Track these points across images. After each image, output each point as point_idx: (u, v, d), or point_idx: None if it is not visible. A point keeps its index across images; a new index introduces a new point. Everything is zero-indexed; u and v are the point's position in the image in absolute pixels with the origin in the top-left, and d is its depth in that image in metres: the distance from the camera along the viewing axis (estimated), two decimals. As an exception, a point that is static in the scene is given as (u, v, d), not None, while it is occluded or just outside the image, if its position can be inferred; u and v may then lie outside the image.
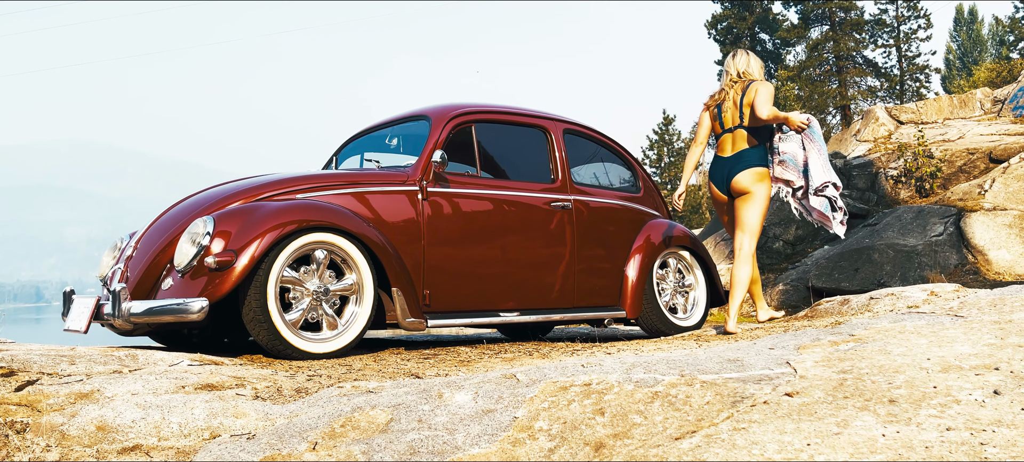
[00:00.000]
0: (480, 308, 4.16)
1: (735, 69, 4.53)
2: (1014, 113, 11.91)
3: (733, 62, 4.60)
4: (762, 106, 4.24)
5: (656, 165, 45.03)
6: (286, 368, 3.17)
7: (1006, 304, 2.71)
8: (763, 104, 4.24)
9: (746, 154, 4.37)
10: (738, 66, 4.52)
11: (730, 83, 4.50)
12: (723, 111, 4.49)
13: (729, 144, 4.46)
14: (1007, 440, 1.66)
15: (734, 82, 4.49)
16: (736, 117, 4.40)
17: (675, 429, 2.00)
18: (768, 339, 3.02)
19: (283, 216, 3.42)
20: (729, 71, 4.58)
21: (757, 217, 4.39)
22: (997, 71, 26.29)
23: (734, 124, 4.40)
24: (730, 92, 4.47)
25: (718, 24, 40.04)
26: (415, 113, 4.49)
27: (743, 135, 4.40)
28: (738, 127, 4.41)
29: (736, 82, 4.48)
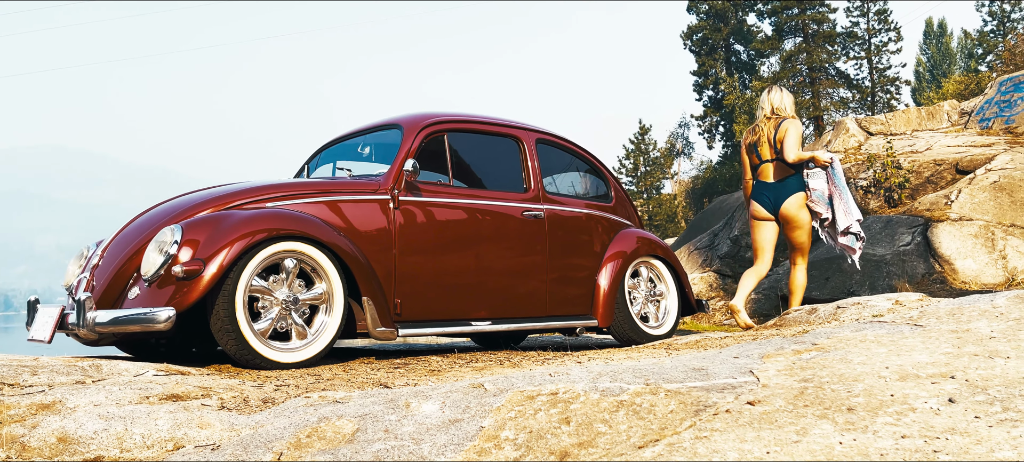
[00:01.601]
0: (452, 317, 4.16)
1: (770, 105, 5.01)
2: (980, 125, 12.15)
3: (768, 98, 5.07)
4: (789, 151, 4.78)
5: (632, 174, 45.30)
6: (254, 378, 3.15)
7: (964, 314, 2.76)
8: (791, 149, 4.78)
9: (788, 182, 4.90)
10: (773, 102, 5.02)
11: (765, 119, 5.00)
12: (759, 146, 5.01)
13: (770, 172, 4.98)
14: (960, 447, 1.70)
15: (768, 118, 4.99)
16: (771, 151, 4.93)
17: (639, 438, 2.02)
18: (734, 348, 3.05)
19: (252, 225, 3.40)
20: (763, 107, 5.05)
21: (805, 239, 5.01)
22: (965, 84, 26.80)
23: (771, 157, 4.94)
24: (764, 128, 4.98)
25: (694, 35, 40.48)
26: (387, 122, 4.49)
27: (780, 165, 4.92)
28: (775, 159, 4.93)
29: (770, 118, 4.97)
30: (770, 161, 4.95)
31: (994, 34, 39.28)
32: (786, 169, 4.90)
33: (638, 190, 44.87)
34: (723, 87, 38.93)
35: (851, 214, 4.83)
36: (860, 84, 37.28)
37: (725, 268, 10.27)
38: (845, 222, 4.83)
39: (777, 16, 37.33)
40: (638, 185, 45.04)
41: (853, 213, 4.83)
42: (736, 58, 40.85)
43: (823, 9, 36.39)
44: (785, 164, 4.89)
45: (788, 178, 4.90)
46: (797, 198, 4.89)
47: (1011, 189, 9.08)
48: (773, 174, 4.95)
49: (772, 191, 4.96)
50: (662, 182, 46.26)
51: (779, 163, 4.92)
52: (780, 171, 4.92)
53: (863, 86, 37.20)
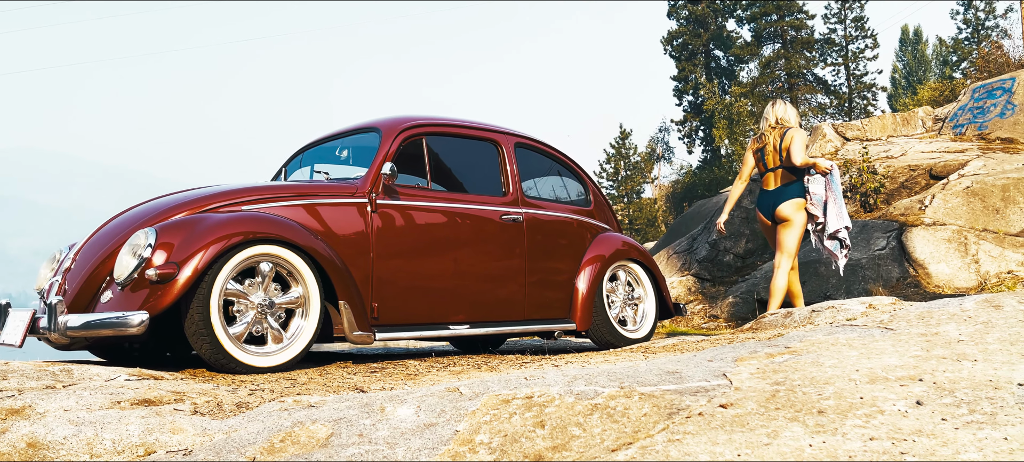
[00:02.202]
0: (429, 321, 4.16)
1: (774, 116, 5.34)
2: (954, 131, 12.32)
3: (772, 110, 5.40)
4: (796, 154, 5.06)
5: (613, 178, 45.46)
6: (228, 382, 3.13)
7: (933, 317, 2.80)
8: (797, 152, 5.06)
9: (787, 188, 5.18)
10: (776, 114, 5.34)
11: (769, 129, 5.29)
12: (765, 154, 5.28)
13: (772, 180, 5.26)
14: (926, 449, 1.72)
15: (772, 128, 5.28)
16: (776, 159, 5.21)
17: (612, 441, 2.03)
18: (709, 351, 3.08)
19: (228, 228, 3.38)
20: (768, 119, 5.37)
21: (794, 240, 5.20)
22: (940, 90, 27.18)
23: (775, 165, 5.21)
24: (770, 137, 5.26)
25: (674, 40, 40.72)
26: (365, 125, 4.48)
27: (783, 173, 5.21)
28: (778, 167, 5.21)
29: (775, 128, 5.27)
30: (773, 170, 5.23)
31: (968, 41, 39.88)
32: (789, 177, 5.18)
33: (619, 194, 45.04)
34: (703, 92, 39.19)
35: (841, 220, 5.09)
36: (837, 90, 37.70)
37: (703, 272, 10.34)
38: (834, 225, 5.08)
39: (756, 22, 37.67)
40: (619, 189, 45.21)
41: (843, 220, 5.09)
42: (716, 63, 41.15)
43: (801, 16, 36.77)
44: (788, 172, 5.18)
45: (789, 185, 5.17)
46: (795, 201, 5.16)
47: (983, 194, 9.22)
48: (775, 182, 5.23)
49: (772, 197, 5.22)
50: (643, 186, 46.47)
51: (782, 171, 5.20)
52: (782, 178, 5.20)
53: (840, 92, 37.62)
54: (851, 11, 38.09)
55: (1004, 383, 2.07)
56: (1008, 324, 2.59)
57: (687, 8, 40.26)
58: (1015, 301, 2.80)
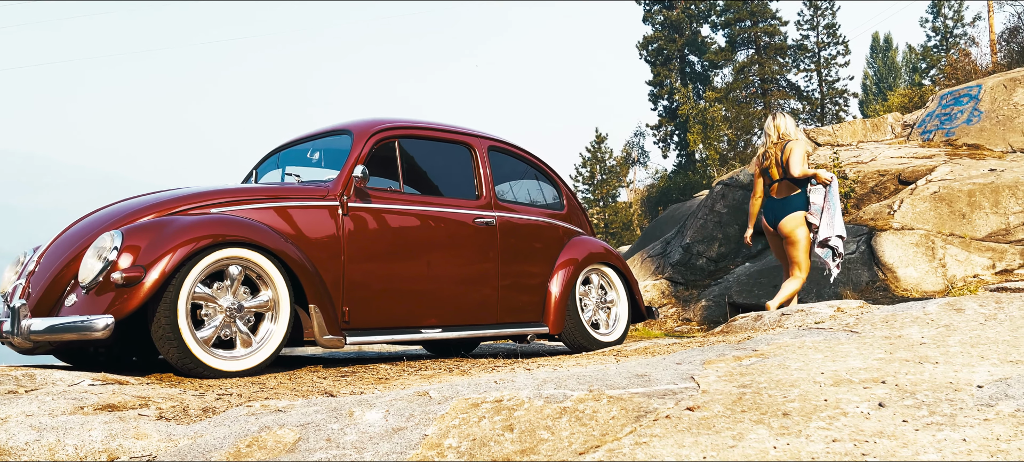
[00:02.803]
0: (401, 325, 4.14)
1: (776, 130, 5.51)
2: (922, 137, 12.53)
3: (773, 124, 5.57)
4: (795, 167, 5.26)
5: (589, 182, 45.63)
6: (195, 387, 3.09)
7: (897, 320, 2.84)
8: (796, 165, 5.26)
9: (791, 200, 5.36)
10: (778, 127, 5.51)
11: (772, 143, 5.49)
12: (770, 169, 5.49)
13: (776, 191, 5.47)
14: (887, 450, 1.75)
15: (775, 143, 5.48)
16: (779, 172, 5.40)
17: (580, 444, 2.03)
18: (679, 354, 3.10)
19: (196, 231, 3.34)
20: (770, 133, 5.55)
21: (802, 255, 5.41)
22: (909, 97, 27.60)
23: (779, 177, 5.41)
24: (773, 152, 5.47)
25: (649, 45, 40.97)
26: (337, 127, 4.46)
27: (786, 184, 5.40)
28: (782, 179, 5.40)
29: (777, 142, 5.46)
30: (778, 181, 5.42)
31: (937, 49, 40.57)
32: (792, 187, 5.35)
33: (595, 198, 45.21)
34: (678, 97, 39.47)
35: (832, 229, 5.27)
36: (810, 96, 38.15)
37: (677, 275, 10.41)
38: (825, 233, 5.27)
39: (730, 28, 38.02)
40: (595, 193, 45.38)
41: (834, 229, 5.27)
42: (690, 69, 41.46)
43: (775, 22, 37.17)
44: (791, 182, 5.36)
45: (792, 196, 5.34)
46: (796, 216, 5.33)
47: (950, 199, 9.38)
48: (780, 192, 5.42)
49: (776, 207, 5.41)
50: (618, 190, 46.69)
51: (786, 182, 5.38)
52: (786, 189, 5.38)
53: (813, 98, 38.08)
54: (823, 18, 38.59)
55: (964, 385, 2.11)
56: (969, 327, 2.63)
57: (662, 13, 40.54)
58: (976, 304, 2.85)
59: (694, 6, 39.77)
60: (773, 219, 5.45)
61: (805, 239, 5.38)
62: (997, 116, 11.75)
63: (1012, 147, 11.23)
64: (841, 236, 5.28)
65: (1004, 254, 8.98)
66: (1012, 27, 26.83)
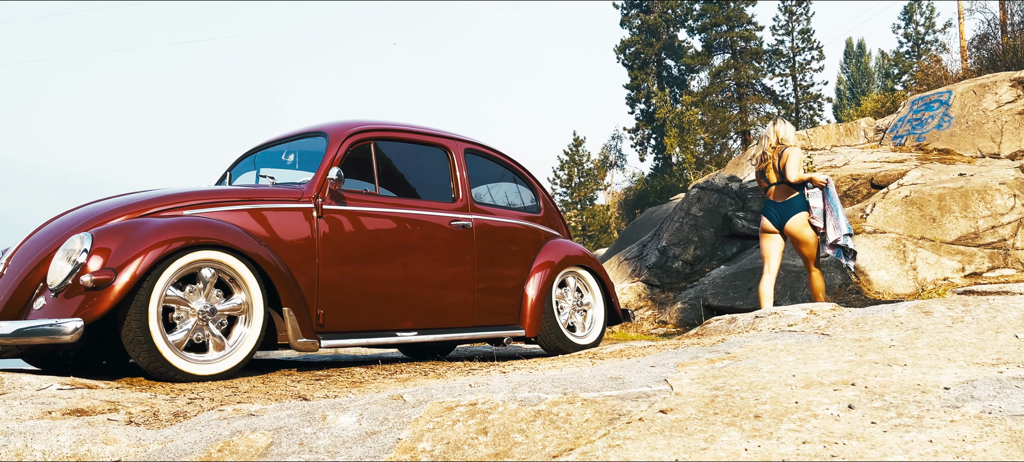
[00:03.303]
0: (377, 328, 4.12)
1: (775, 136, 5.74)
2: (894, 142, 12.71)
3: (773, 130, 5.81)
4: (791, 172, 5.52)
5: (567, 185, 45.75)
6: (166, 391, 3.06)
7: (867, 323, 2.88)
8: (792, 170, 5.52)
9: (793, 202, 5.60)
10: (777, 133, 5.74)
11: (771, 148, 5.73)
12: (767, 172, 5.73)
13: (775, 194, 5.70)
14: (855, 452, 1.77)
15: (773, 148, 5.71)
16: (777, 176, 5.66)
17: (554, 447, 2.04)
18: (653, 357, 3.11)
19: (168, 233, 3.30)
20: (769, 138, 5.79)
21: (813, 250, 5.68)
22: (882, 102, 27.99)
23: (777, 181, 5.65)
24: (771, 156, 5.72)
25: (627, 49, 41.19)
26: (312, 129, 4.43)
27: (784, 188, 5.64)
28: (780, 182, 5.64)
29: (775, 148, 5.69)
30: (776, 184, 5.67)
31: (909, 55, 41.19)
32: (790, 190, 5.59)
33: (572, 201, 45.33)
34: (655, 101, 39.71)
35: (839, 230, 5.51)
36: (785, 100, 38.56)
37: (653, 278, 10.46)
38: (833, 236, 5.52)
39: (707, 33, 38.33)
40: (572, 196, 45.50)
41: (841, 229, 5.51)
42: (667, 73, 41.73)
43: (750, 27, 37.53)
44: (788, 186, 5.61)
45: (792, 198, 5.58)
46: (800, 217, 5.58)
47: (921, 203, 9.52)
48: (779, 195, 5.66)
49: (778, 209, 5.65)
50: (596, 193, 46.86)
51: (783, 186, 5.63)
52: (784, 192, 5.61)
53: (788, 102, 38.49)
54: (798, 23, 39.02)
55: (931, 387, 2.14)
56: (937, 329, 2.67)
57: (639, 18, 40.78)
58: (944, 307, 2.89)
59: (671, 10, 40.06)
60: (778, 221, 5.68)
61: (813, 236, 5.64)
62: (967, 121, 11.95)
63: (981, 152, 11.43)
64: (849, 234, 5.51)
65: (973, 257, 9.13)
66: (982, 34, 27.31)
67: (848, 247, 5.60)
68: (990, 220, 9.44)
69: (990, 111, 11.83)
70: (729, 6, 37.29)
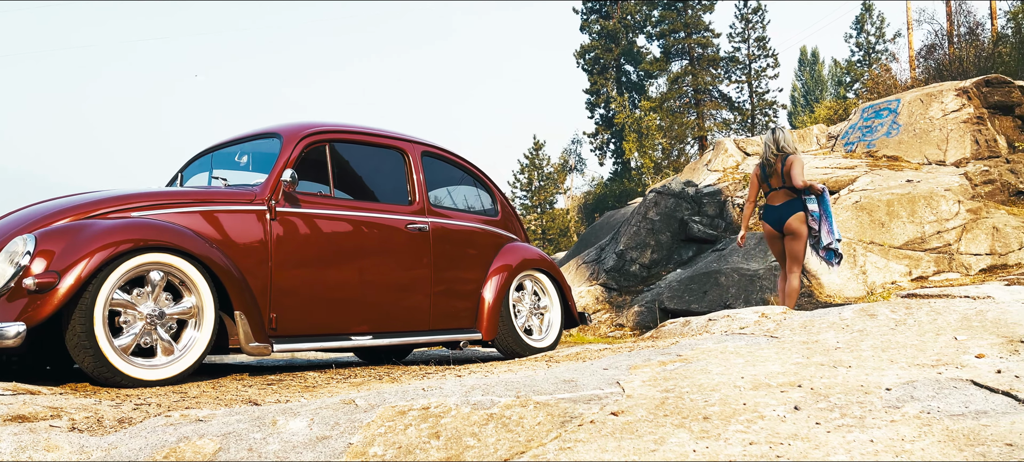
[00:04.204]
0: (331, 332, 4.08)
1: (777, 144, 6.09)
2: (845, 148, 13.00)
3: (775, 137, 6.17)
4: (797, 178, 5.90)
5: (527, 189, 45.85)
6: (112, 397, 2.99)
7: (814, 326, 2.94)
8: (798, 176, 5.90)
9: (792, 204, 5.99)
10: (779, 141, 6.09)
11: (772, 155, 6.09)
12: (770, 176, 6.10)
13: (777, 198, 6.09)
14: (800, 452, 1.81)
15: (775, 155, 6.07)
16: (780, 181, 6.04)
17: (506, 450, 2.04)
18: (607, 359, 3.14)
19: (114, 235, 3.23)
20: (771, 147, 6.14)
21: (801, 250, 6.04)
22: (834, 109, 28.62)
23: (780, 185, 6.03)
24: (775, 163, 6.06)
25: (586, 54, 41.46)
26: (266, 130, 4.38)
27: (786, 192, 6.03)
28: (782, 187, 6.03)
29: (777, 155, 6.06)
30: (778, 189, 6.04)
31: (860, 64, 42.18)
32: (790, 194, 5.99)
33: (532, 204, 45.44)
34: (614, 106, 40.04)
35: (832, 235, 5.93)
36: (741, 107, 39.18)
37: (611, 282, 10.54)
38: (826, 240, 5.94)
39: (665, 39, 38.77)
40: (532, 199, 45.62)
41: (834, 234, 5.93)
42: (626, 78, 42.12)
43: (707, 34, 38.05)
44: (790, 190, 6.01)
45: (791, 201, 5.98)
46: (799, 215, 5.99)
47: (871, 209, 9.76)
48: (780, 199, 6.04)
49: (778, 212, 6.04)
50: (556, 197, 47.05)
51: (786, 190, 6.01)
52: (785, 196, 6.01)
53: (744, 109, 39.12)
54: (754, 31, 39.70)
55: (874, 388, 2.20)
56: (881, 332, 2.74)
57: (599, 23, 41.10)
58: (888, 310, 2.97)
59: (630, 16, 40.45)
60: (777, 221, 6.07)
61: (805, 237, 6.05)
62: (914, 129, 12.28)
63: (928, 159, 11.76)
64: (838, 239, 5.96)
65: (920, 262, 9.39)
66: (929, 44, 28.13)
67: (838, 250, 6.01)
68: (936, 225, 9.72)
69: (936, 119, 12.17)
70: (687, 13, 37.80)
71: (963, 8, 27.38)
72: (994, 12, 27.04)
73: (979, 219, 9.88)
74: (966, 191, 10.49)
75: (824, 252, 6.07)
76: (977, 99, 12.14)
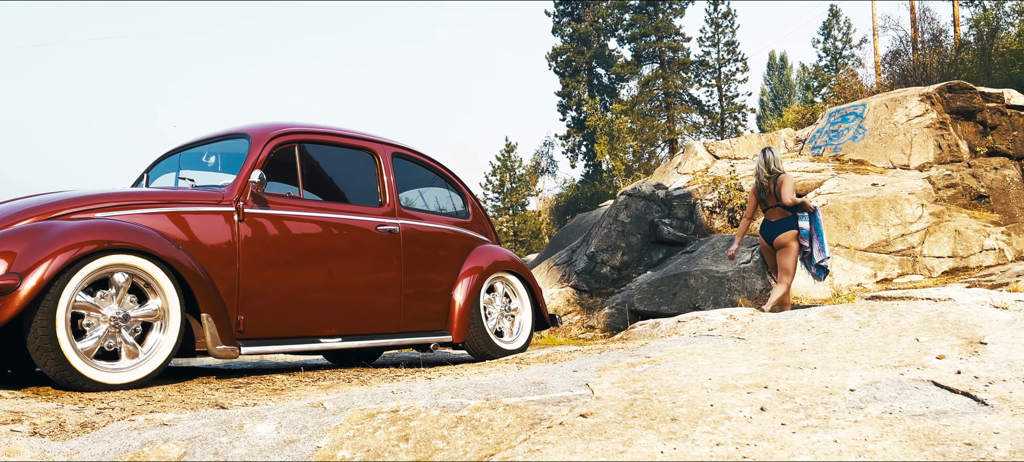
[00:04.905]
0: (300, 334, 4.04)
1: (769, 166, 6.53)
2: (812, 152, 13.18)
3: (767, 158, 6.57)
4: (787, 196, 6.33)
5: (499, 191, 45.87)
6: (75, 401, 2.93)
7: (781, 328, 2.98)
8: (788, 195, 6.34)
9: (785, 221, 6.41)
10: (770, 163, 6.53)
11: (765, 177, 6.54)
12: (765, 195, 6.53)
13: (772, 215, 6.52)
14: (765, 452, 1.83)
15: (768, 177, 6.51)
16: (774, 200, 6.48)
17: (475, 453, 2.04)
18: (577, 361, 3.15)
19: (78, 236, 3.17)
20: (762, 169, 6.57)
21: (792, 263, 6.46)
22: (802, 113, 29.01)
23: (774, 203, 6.47)
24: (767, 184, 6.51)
25: (558, 57, 41.59)
26: (235, 130, 4.33)
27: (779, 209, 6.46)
28: (776, 205, 6.45)
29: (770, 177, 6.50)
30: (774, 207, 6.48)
31: (828, 69, 42.82)
32: (784, 212, 6.42)
33: (504, 206, 45.46)
34: (586, 108, 40.21)
35: (823, 253, 6.33)
36: (711, 110, 39.57)
37: (582, 284, 10.58)
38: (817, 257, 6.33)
39: (636, 42, 39.04)
40: (504, 201, 45.64)
41: (824, 253, 6.33)
42: (598, 81, 42.31)
43: (678, 38, 38.38)
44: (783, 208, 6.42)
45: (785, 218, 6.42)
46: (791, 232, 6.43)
47: (837, 212, 9.91)
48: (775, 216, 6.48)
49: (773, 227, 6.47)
50: (527, 199, 47.12)
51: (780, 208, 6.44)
52: (779, 213, 6.45)
53: (713, 112, 39.51)
54: (724, 35, 40.13)
55: (838, 389, 2.23)
56: (845, 333, 2.78)
57: (571, 26, 41.25)
58: (852, 312, 3.01)
59: (602, 20, 40.66)
60: (770, 236, 6.52)
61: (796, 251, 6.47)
62: (879, 133, 12.50)
63: (892, 163, 11.97)
64: (828, 257, 6.37)
65: (884, 264, 9.55)
66: (894, 50, 28.65)
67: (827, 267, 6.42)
68: (900, 228, 9.89)
69: (901, 124, 12.40)
70: (658, 17, 38.10)
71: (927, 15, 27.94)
72: (957, 19, 27.63)
73: (942, 222, 10.08)
74: (929, 195, 10.70)
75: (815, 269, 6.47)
76: (940, 105, 12.39)
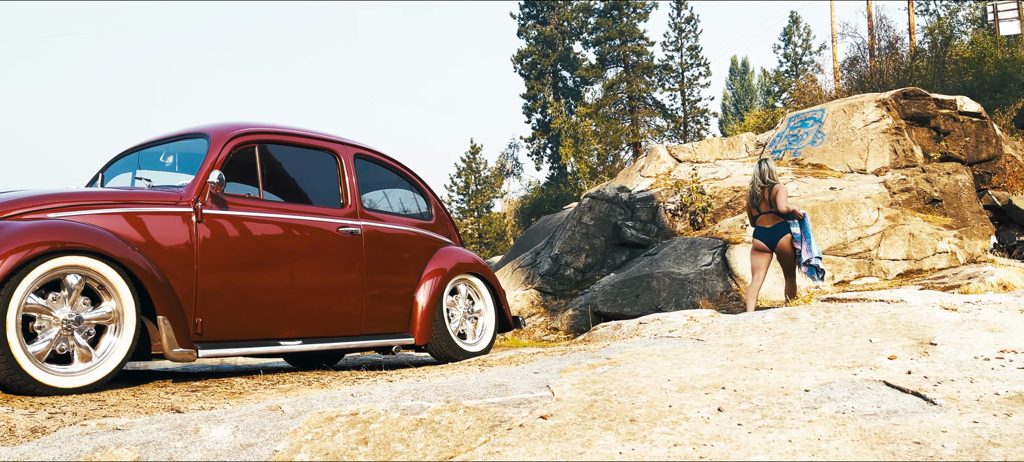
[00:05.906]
0: (259, 337, 3.99)
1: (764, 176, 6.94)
2: (773, 156, 13.38)
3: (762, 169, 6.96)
4: (781, 204, 6.78)
5: (464, 192, 45.81)
6: (25, 405, 2.86)
7: (739, 329, 3.02)
8: (782, 203, 6.79)
9: (780, 226, 6.85)
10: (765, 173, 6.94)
11: (761, 186, 6.97)
12: (760, 202, 6.95)
13: (766, 221, 6.95)
14: (722, 452, 1.85)
15: (763, 185, 6.94)
16: (768, 207, 6.91)
17: (434, 455, 2.03)
18: (539, 363, 3.16)
19: (29, 237, 3.09)
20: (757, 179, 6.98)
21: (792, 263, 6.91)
22: (763, 118, 29.45)
23: (767, 210, 6.91)
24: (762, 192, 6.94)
25: (523, 59, 41.69)
26: (193, 130, 4.26)
27: (772, 216, 6.89)
28: (769, 212, 6.88)
29: (765, 186, 6.92)
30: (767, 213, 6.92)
31: (788, 74, 43.56)
32: (777, 218, 6.86)
33: (469, 208, 45.40)
34: (551, 111, 40.36)
35: (812, 253, 6.74)
36: (674, 114, 40.00)
37: (546, 285, 10.61)
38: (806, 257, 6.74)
39: (601, 46, 39.32)
40: (469, 203, 45.58)
41: (813, 252, 6.75)
42: (563, 84, 42.50)
43: (642, 42, 38.73)
44: (776, 215, 6.86)
45: (778, 224, 6.85)
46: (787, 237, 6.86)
47: (796, 215, 10.06)
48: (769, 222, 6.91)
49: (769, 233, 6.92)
50: (492, 201, 47.13)
51: (771, 214, 6.88)
52: (773, 220, 6.87)
53: (677, 116, 39.94)
54: (687, 40, 40.58)
55: (793, 389, 2.27)
56: (801, 335, 2.83)
57: (536, 28, 41.38)
58: (809, 314, 3.07)
59: (567, 23, 40.85)
60: (770, 241, 6.96)
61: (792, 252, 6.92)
62: (837, 138, 12.74)
63: (850, 167, 12.20)
64: (818, 257, 6.78)
65: (842, 266, 9.74)
66: (852, 57, 29.26)
67: (819, 266, 6.81)
68: (857, 231, 10.09)
69: (858, 129, 12.65)
70: (622, 21, 38.41)
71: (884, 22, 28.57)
72: (912, 27, 28.30)
73: (897, 226, 10.31)
74: (885, 199, 10.93)
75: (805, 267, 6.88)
76: (896, 110, 12.67)
